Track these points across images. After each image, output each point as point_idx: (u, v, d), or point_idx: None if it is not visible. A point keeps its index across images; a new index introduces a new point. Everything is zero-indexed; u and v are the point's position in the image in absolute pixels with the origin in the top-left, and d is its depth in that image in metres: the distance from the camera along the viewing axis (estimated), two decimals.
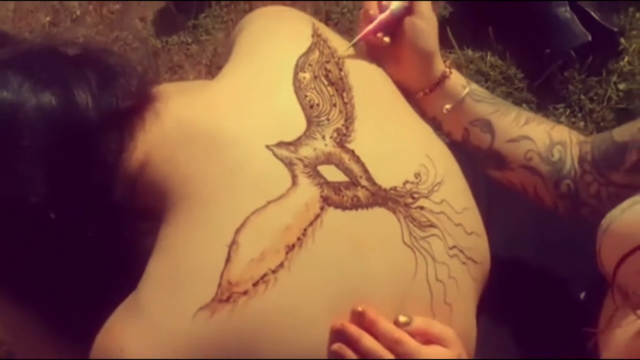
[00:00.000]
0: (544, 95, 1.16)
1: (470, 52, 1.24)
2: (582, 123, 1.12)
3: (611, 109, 1.12)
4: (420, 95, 0.62)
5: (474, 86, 0.63)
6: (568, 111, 1.14)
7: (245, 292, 0.45)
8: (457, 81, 0.62)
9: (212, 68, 1.33)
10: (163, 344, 0.45)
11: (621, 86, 1.13)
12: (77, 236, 0.48)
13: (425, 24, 0.61)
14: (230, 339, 0.45)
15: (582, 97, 1.14)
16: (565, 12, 1.14)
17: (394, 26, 0.61)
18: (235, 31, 0.60)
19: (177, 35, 1.38)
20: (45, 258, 0.49)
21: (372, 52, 0.62)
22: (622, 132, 0.59)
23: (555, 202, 0.63)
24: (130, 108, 0.48)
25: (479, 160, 0.63)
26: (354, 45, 0.60)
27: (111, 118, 0.47)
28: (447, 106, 0.62)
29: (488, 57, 1.23)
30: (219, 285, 0.45)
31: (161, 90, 0.52)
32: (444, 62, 0.63)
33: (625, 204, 0.53)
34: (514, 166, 0.62)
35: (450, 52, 1.25)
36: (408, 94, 0.62)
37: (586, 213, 0.62)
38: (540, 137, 0.61)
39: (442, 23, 1.28)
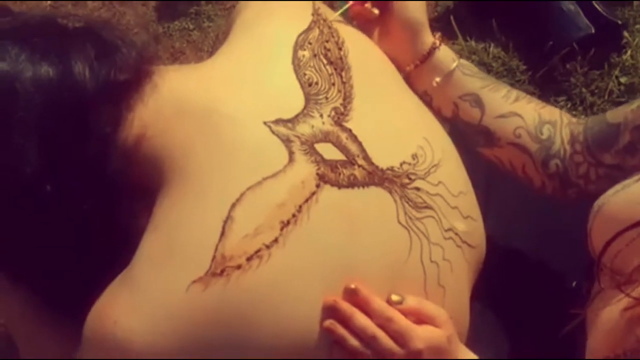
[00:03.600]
0: (545, 88, 1.16)
1: (473, 43, 1.24)
2: (582, 116, 1.12)
3: (612, 103, 1.11)
4: (411, 68, 0.62)
5: (464, 61, 0.63)
6: (569, 104, 1.14)
7: (238, 267, 0.45)
8: (447, 54, 0.62)
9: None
10: (156, 316, 0.45)
11: (623, 80, 1.13)
12: (73, 209, 0.48)
13: None
14: (223, 313, 0.45)
15: (584, 90, 1.14)
16: (569, 3, 1.14)
17: (383, 0, 0.61)
18: (235, 11, 0.60)
19: (179, 21, 1.38)
20: (40, 230, 0.49)
21: (363, 26, 0.62)
22: (616, 114, 0.59)
23: (543, 182, 0.63)
24: (128, 81, 0.48)
25: (469, 137, 0.63)
26: (348, 20, 0.60)
27: (108, 90, 0.47)
28: (437, 79, 0.61)
29: (491, 48, 1.23)
30: (213, 259, 0.45)
31: (159, 67, 0.52)
32: (434, 35, 0.63)
33: (618, 186, 0.53)
34: (503, 143, 0.62)
35: (453, 43, 1.25)
36: (399, 69, 0.62)
37: (573, 193, 0.62)
38: (530, 115, 0.61)
39: (446, 13, 1.29)
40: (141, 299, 0.45)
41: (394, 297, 0.50)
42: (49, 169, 0.46)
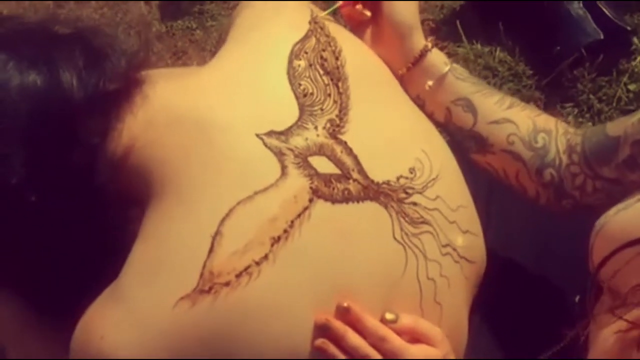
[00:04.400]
0: (552, 94, 1.15)
1: (479, 47, 1.22)
2: (589, 123, 1.10)
3: (620, 110, 1.10)
4: (404, 71, 0.61)
5: (456, 65, 0.62)
6: (576, 110, 1.12)
7: (227, 284, 0.44)
8: (439, 57, 0.61)
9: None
10: (142, 333, 0.44)
11: (631, 87, 1.11)
12: (60, 220, 0.47)
13: None
14: (211, 331, 0.44)
15: (591, 96, 1.12)
16: (578, 8, 1.12)
17: (374, 1, 0.61)
18: (234, 15, 0.59)
19: (183, 20, 1.37)
20: (27, 241, 0.48)
21: (355, 28, 0.61)
22: (616, 127, 0.57)
23: (537, 191, 0.61)
24: (118, 90, 0.47)
25: (462, 144, 0.62)
26: (339, 21, 0.59)
27: (96, 99, 0.46)
28: (430, 82, 0.61)
29: (497, 52, 1.21)
30: (201, 275, 0.44)
31: (151, 74, 0.50)
32: (427, 39, 0.62)
33: (620, 205, 0.51)
34: (496, 149, 0.61)
35: (459, 46, 1.24)
36: (393, 72, 0.61)
37: (568, 204, 0.60)
38: (524, 122, 0.60)
39: (453, 16, 1.27)
40: (128, 314, 0.44)
41: (388, 316, 0.48)
42: (35, 179, 0.45)
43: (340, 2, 0.61)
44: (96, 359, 0.44)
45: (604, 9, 1.10)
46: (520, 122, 0.60)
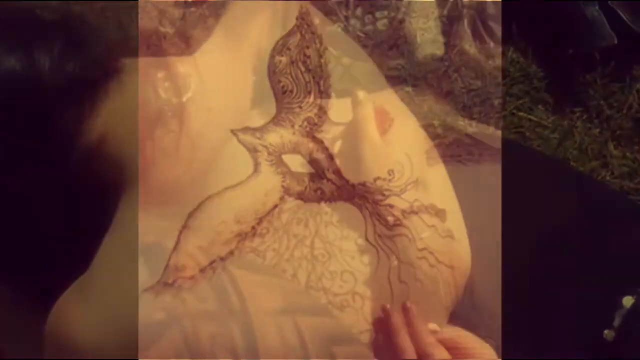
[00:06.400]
0: (562, 97, 1.12)
1: (491, 46, 1.20)
2: (597, 130, 1.08)
3: (631, 118, 1.07)
4: None
5: None
6: (585, 116, 1.10)
7: (191, 278, 0.44)
8: None
9: None
10: (108, 323, 0.44)
11: None
12: (34, 206, 0.47)
13: None
14: (174, 323, 0.44)
15: (602, 102, 1.09)
16: (594, 10, 1.09)
17: None
18: (226, 8, 0.58)
19: (196, 8, 1.37)
20: (2, 225, 0.48)
21: None
22: None
23: None
24: (93, 78, 0.47)
25: None
26: None
27: (70, 87, 0.46)
28: None
29: (510, 52, 1.19)
30: (166, 268, 0.44)
31: (131, 62, 0.51)
32: None
33: None
34: None
35: (470, 45, 1.21)
36: None
37: None
38: None
39: (460, 11, 1.25)
40: (96, 304, 0.45)
41: (431, 326, 0.50)
42: (10, 165, 0.46)
43: None
44: (65, 349, 0.45)
45: (621, 13, 1.07)
46: None
